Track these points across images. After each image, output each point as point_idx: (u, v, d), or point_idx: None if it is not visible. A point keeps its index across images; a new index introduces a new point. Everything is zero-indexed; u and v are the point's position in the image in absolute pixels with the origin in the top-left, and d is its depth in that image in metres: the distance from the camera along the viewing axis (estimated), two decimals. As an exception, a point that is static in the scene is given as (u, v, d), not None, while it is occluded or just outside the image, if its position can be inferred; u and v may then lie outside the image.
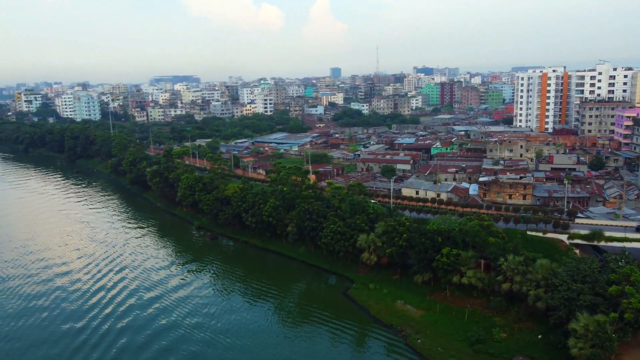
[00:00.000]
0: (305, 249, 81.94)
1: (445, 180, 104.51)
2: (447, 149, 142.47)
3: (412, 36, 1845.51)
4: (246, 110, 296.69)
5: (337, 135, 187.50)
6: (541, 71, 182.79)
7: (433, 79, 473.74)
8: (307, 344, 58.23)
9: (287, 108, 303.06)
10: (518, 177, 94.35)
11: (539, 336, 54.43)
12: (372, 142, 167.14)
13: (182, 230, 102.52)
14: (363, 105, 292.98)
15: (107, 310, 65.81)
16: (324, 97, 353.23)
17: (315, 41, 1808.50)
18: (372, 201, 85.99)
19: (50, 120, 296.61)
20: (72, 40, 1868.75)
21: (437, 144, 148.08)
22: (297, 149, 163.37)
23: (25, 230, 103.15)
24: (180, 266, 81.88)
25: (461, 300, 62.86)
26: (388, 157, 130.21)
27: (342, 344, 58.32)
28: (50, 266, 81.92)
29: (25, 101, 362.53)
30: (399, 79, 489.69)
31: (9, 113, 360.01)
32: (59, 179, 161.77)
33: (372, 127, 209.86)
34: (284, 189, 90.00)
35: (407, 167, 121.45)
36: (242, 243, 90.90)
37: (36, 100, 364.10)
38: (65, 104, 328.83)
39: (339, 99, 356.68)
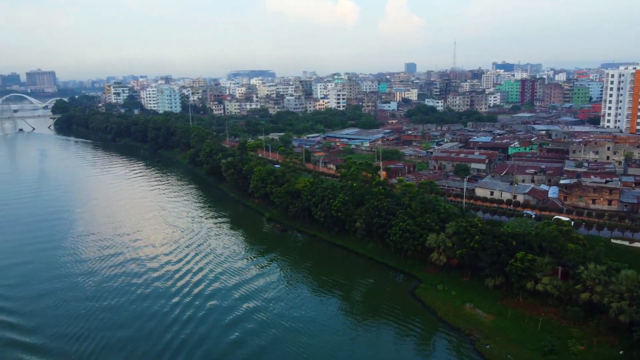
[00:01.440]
0: (373, 245, 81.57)
1: (523, 181, 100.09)
2: (525, 148, 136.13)
3: (492, 31, 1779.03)
4: (319, 105, 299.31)
5: (409, 132, 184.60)
6: (634, 68, 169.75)
7: (513, 75, 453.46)
8: (372, 341, 57.94)
9: (360, 103, 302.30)
10: (603, 181, 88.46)
11: (621, 352, 50.92)
12: (445, 140, 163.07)
13: (253, 221, 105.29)
14: (438, 102, 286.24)
15: (186, 299, 68.67)
16: (398, 92, 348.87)
17: (391, 36, 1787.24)
18: (444, 200, 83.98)
19: (136, 111, 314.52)
20: (157, 36, 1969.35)
21: (515, 143, 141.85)
22: (368, 145, 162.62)
23: (114, 214, 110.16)
24: (252, 256, 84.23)
25: (535, 307, 60.03)
26: (462, 155, 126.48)
27: (406, 344, 57.60)
28: (139, 247, 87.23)
29: (114, 93, 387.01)
30: (477, 75, 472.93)
31: (100, 104, 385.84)
32: (142, 167, 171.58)
33: (446, 124, 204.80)
34: (354, 184, 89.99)
35: (482, 166, 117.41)
36: (310, 237, 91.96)
37: (124, 92, 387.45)
38: (149, 97, 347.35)
39: (412, 95, 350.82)
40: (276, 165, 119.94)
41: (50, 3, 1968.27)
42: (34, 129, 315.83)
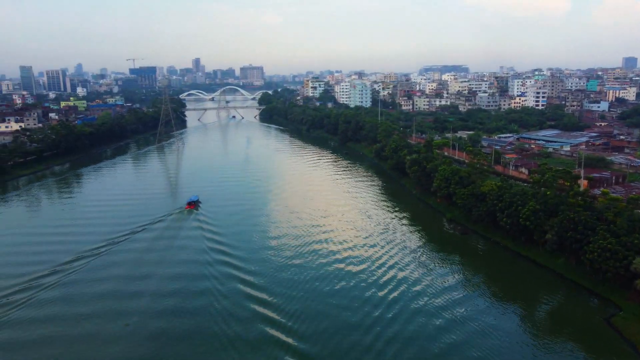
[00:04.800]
0: (564, 261, 73.98)
1: None
2: None
3: None
4: (515, 103, 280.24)
5: (621, 137, 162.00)
6: None
7: None
8: (554, 366, 52.89)
9: (563, 102, 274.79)
10: None
11: None
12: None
13: (434, 221, 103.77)
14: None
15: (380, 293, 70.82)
16: (610, 91, 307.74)
17: (607, 27, 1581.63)
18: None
19: (329, 105, 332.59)
20: (352, 31, 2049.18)
21: None
22: (568, 149, 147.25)
23: (308, 198, 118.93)
24: (431, 256, 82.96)
25: None
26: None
27: (596, 378, 51.24)
28: (333, 238, 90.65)
29: (311, 87, 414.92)
30: None
31: (298, 97, 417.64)
32: (331, 157, 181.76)
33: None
34: (548, 192, 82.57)
35: None
36: (492, 243, 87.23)
37: (320, 87, 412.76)
38: (342, 91, 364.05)
39: (630, 94, 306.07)
40: (462, 165, 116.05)
41: (264, 3, 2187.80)
42: (242, 117, 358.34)
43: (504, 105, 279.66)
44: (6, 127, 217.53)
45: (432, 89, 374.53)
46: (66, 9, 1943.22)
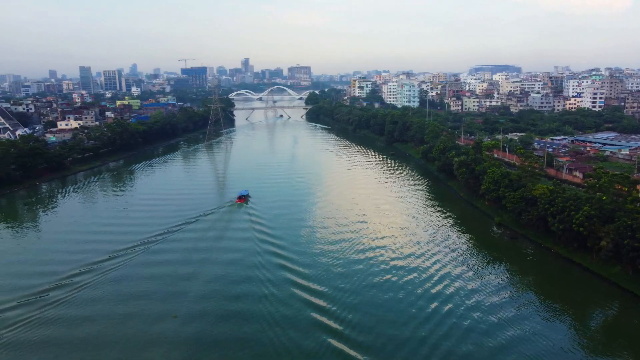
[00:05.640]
0: (621, 270, 70.68)
1: None
2: None
3: None
4: (569, 104, 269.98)
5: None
6: None
7: None
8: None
9: (622, 104, 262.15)
10: None
11: None
12: None
13: (481, 224, 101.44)
14: None
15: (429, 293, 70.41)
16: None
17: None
18: None
19: (376, 105, 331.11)
20: (400, 31, 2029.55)
21: None
22: (627, 152, 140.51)
23: (353, 198, 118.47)
24: (478, 260, 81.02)
25: None
26: None
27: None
28: (379, 240, 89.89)
29: (358, 87, 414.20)
30: None
31: (345, 97, 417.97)
32: (377, 158, 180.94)
33: None
34: (603, 197, 79.11)
35: None
36: (543, 249, 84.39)
37: (367, 87, 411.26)
38: (390, 91, 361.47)
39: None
40: (512, 168, 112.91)
41: (311, 4, 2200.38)
42: (289, 117, 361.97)
43: (558, 106, 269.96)
44: (66, 124, 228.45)
45: (482, 89, 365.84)
46: (122, 12, 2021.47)
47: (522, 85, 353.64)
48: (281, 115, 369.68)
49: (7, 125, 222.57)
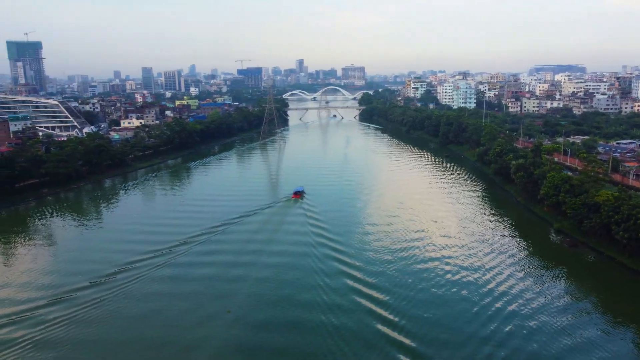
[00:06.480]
0: (693, 283, 66.29)
1: None
2: None
3: None
4: (638, 106, 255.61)
5: None
6: None
7: None
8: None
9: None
10: None
11: None
12: None
13: (539, 230, 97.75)
14: None
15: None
16: None
17: None
18: None
19: (431, 106, 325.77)
20: (456, 30, 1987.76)
21: None
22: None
23: (405, 202, 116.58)
24: (534, 268, 77.90)
25: None
26: None
27: None
28: (432, 243, 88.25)
29: (412, 88, 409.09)
30: None
31: (399, 98, 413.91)
32: (431, 160, 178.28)
33: None
34: (674, 206, 74.44)
35: None
36: (605, 258, 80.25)
37: (421, 87, 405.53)
38: (445, 92, 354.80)
39: None
40: (574, 173, 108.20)
41: (364, 4, 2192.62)
42: (342, 117, 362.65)
43: (626, 108, 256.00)
44: (129, 123, 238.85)
45: (543, 90, 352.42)
46: (181, 15, 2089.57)
47: (587, 86, 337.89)
48: (334, 116, 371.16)
49: (76, 123, 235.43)
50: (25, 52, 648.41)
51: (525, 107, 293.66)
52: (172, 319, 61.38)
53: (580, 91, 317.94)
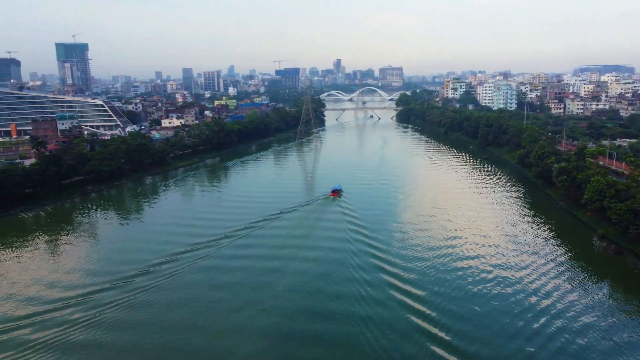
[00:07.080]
0: None
1: None
2: None
3: None
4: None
5: None
6: None
7: None
8: None
9: None
10: None
11: None
12: None
13: (581, 236, 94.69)
14: None
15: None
16: None
17: None
18: None
19: (470, 107, 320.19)
20: (496, 30, 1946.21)
21: None
22: None
23: (442, 205, 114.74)
24: (576, 274, 75.51)
25: None
26: None
27: None
28: (473, 245, 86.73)
29: (451, 88, 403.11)
30: None
31: (437, 99, 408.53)
32: (469, 162, 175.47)
33: None
34: None
35: None
36: (654, 266, 77.19)
37: (460, 88, 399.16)
38: (485, 92, 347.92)
39: None
40: (620, 177, 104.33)
41: (402, 4, 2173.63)
42: (379, 118, 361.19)
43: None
44: (169, 122, 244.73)
45: (587, 91, 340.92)
46: (220, 18, 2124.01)
47: (635, 87, 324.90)
48: (371, 116, 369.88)
49: (119, 123, 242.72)
50: (73, 53, 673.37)
51: (568, 108, 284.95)
52: (213, 306, 64.37)
53: (628, 92, 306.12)
